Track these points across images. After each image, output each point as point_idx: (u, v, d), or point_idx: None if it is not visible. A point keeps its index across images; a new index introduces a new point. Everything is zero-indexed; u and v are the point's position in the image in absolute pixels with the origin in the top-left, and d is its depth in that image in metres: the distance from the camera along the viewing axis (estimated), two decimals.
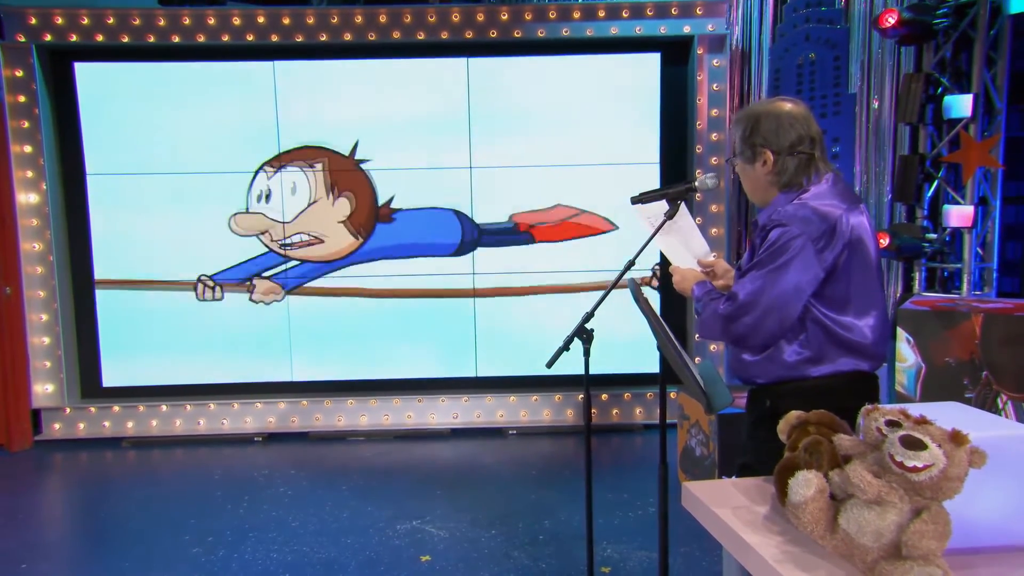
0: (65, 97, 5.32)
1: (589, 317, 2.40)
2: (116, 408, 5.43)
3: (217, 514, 4.04)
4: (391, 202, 5.44)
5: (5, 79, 5.13)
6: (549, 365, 2.42)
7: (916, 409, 1.35)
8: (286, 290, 5.50)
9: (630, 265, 2.29)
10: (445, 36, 5.25)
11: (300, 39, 5.24)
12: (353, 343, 5.55)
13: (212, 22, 5.19)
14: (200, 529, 3.84)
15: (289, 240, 5.45)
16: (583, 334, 2.42)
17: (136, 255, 5.44)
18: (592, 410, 5.37)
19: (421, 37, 5.24)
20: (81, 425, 5.41)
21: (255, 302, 5.51)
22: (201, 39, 5.20)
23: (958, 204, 4.50)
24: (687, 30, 5.28)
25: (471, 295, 5.53)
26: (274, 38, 5.23)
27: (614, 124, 5.41)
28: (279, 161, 5.39)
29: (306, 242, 5.44)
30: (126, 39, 5.17)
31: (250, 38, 5.22)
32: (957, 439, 1.24)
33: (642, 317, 1.97)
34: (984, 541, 1.34)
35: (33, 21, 5.13)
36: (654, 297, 5.56)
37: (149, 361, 5.52)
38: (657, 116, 5.43)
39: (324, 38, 5.24)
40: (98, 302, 5.48)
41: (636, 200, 2.26)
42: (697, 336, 5.30)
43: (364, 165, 5.41)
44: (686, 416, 4.29)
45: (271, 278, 5.50)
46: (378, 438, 5.39)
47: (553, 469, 4.70)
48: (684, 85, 5.47)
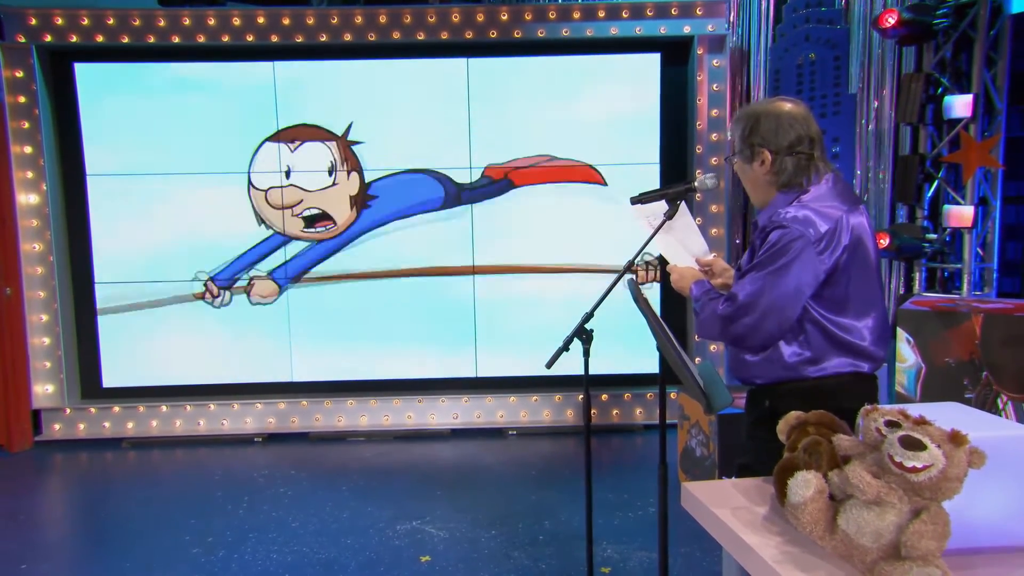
0: (65, 98, 5.32)
1: (588, 317, 2.39)
2: (116, 409, 5.43)
3: (217, 514, 4.04)
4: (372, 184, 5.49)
5: (5, 80, 5.14)
6: (549, 365, 2.40)
7: (915, 409, 1.35)
8: (290, 278, 5.50)
9: (630, 265, 2.29)
10: (445, 36, 5.26)
11: (300, 39, 5.24)
12: (353, 343, 5.55)
13: (212, 22, 5.19)
14: (200, 529, 3.84)
15: (310, 213, 5.45)
16: (583, 334, 2.41)
17: (136, 256, 5.44)
18: (592, 410, 5.37)
19: (421, 37, 5.25)
20: (81, 426, 5.41)
21: (254, 304, 5.52)
22: (201, 39, 5.20)
23: (958, 204, 4.50)
24: (687, 30, 5.28)
25: (470, 272, 5.52)
26: (274, 38, 5.23)
27: (614, 124, 5.40)
28: (291, 135, 5.40)
29: (321, 219, 5.47)
30: (126, 40, 5.18)
31: (250, 38, 5.22)
32: (956, 439, 1.24)
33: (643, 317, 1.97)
34: (983, 541, 1.34)
35: (33, 22, 5.13)
36: (654, 298, 5.57)
37: (149, 361, 5.53)
38: (657, 116, 5.43)
39: (324, 38, 5.24)
40: (98, 302, 5.48)
41: (636, 200, 2.26)
42: (697, 336, 5.30)
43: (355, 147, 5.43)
44: (686, 416, 4.29)
45: (270, 274, 5.49)
46: (378, 438, 5.39)
47: (553, 469, 4.70)
48: (684, 85, 5.47)
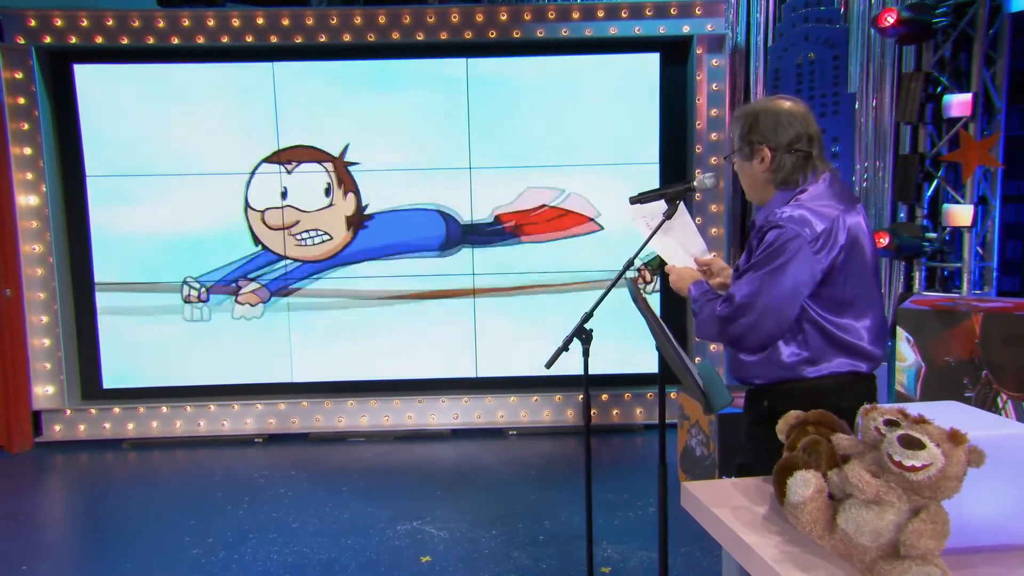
0: (65, 99, 5.32)
1: (588, 317, 2.39)
2: (116, 410, 5.43)
3: (217, 515, 4.04)
4: (368, 206, 5.46)
5: (5, 81, 5.14)
6: (548, 365, 2.40)
7: (915, 408, 1.35)
8: (272, 292, 5.49)
9: (629, 265, 2.28)
10: (444, 36, 5.25)
11: (299, 40, 5.24)
12: (353, 344, 5.55)
13: (211, 23, 5.19)
14: (200, 530, 3.84)
15: (307, 234, 5.45)
16: (582, 334, 2.41)
17: (135, 256, 5.44)
18: (592, 410, 5.37)
19: (420, 38, 5.24)
20: (81, 427, 5.41)
21: (237, 318, 5.52)
22: (200, 40, 5.19)
23: (958, 203, 4.50)
24: (686, 30, 5.28)
25: (471, 294, 5.53)
26: (273, 39, 5.22)
27: (614, 124, 5.40)
28: (285, 157, 5.39)
29: (320, 239, 5.47)
30: (125, 41, 5.17)
31: (249, 39, 5.22)
32: (955, 438, 1.23)
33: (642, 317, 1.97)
34: (983, 540, 1.34)
35: (32, 23, 5.12)
36: (653, 297, 5.57)
37: (149, 362, 5.53)
38: (657, 116, 5.43)
39: (323, 39, 5.24)
40: (98, 303, 5.48)
41: (635, 200, 2.25)
42: (696, 336, 5.29)
43: (352, 168, 5.41)
44: (686, 416, 4.29)
45: (258, 278, 5.48)
46: (378, 439, 5.39)
47: (553, 469, 4.70)
48: (683, 85, 5.47)
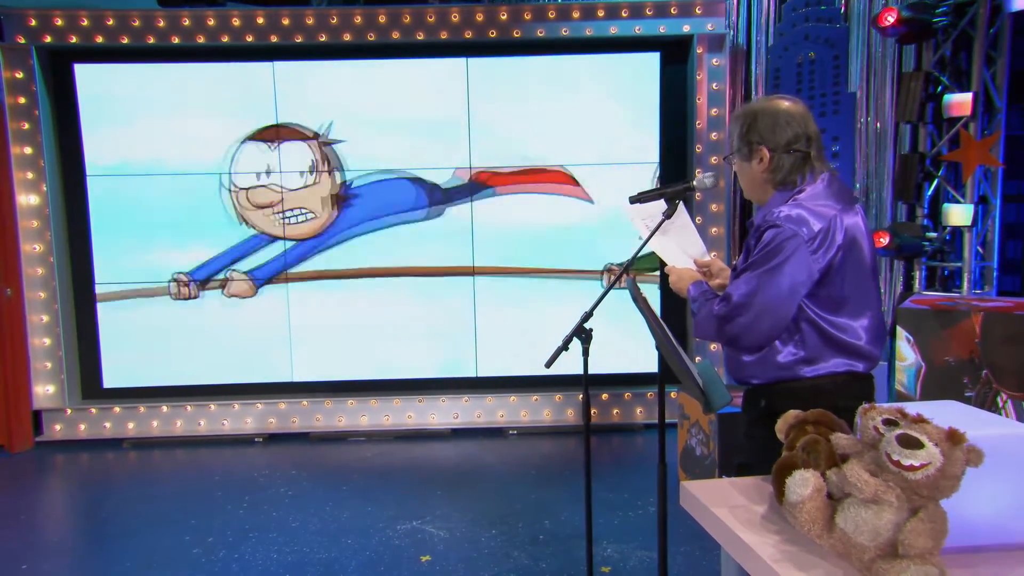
0: (65, 98, 5.33)
1: (588, 317, 2.38)
2: (117, 409, 5.43)
3: (218, 514, 4.05)
4: (352, 182, 5.48)
5: (5, 81, 5.14)
6: (548, 365, 2.39)
7: (914, 408, 1.35)
8: (259, 283, 5.50)
9: (629, 264, 2.28)
10: (444, 36, 5.25)
11: (299, 40, 5.24)
12: (353, 343, 5.55)
13: (211, 23, 5.19)
14: (201, 529, 3.84)
15: (291, 213, 5.45)
16: (582, 334, 2.40)
17: (135, 256, 5.44)
18: (592, 410, 5.37)
19: (420, 37, 5.24)
20: (82, 426, 5.41)
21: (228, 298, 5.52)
22: (201, 40, 5.20)
23: (958, 203, 4.50)
24: (686, 29, 5.28)
25: (470, 273, 5.53)
26: (273, 39, 5.23)
27: (614, 124, 5.40)
28: (272, 134, 5.38)
29: (304, 219, 5.46)
30: (126, 40, 5.18)
31: (249, 39, 5.22)
32: (954, 438, 1.23)
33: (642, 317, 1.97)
34: (981, 540, 1.34)
35: (33, 23, 5.13)
36: (654, 299, 5.57)
37: (149, 362, 5.53)
38: (657, 116, 5.43)
39: (323, 39, 5.24)
40: (98, 303, 5.49)
41: (635, 200, 2.25)
42: (695, 336, 5.30)
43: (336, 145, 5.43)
44: (686, 416, 4.29)
45: (248, 272, 5.49)
46: (379, 438, 5.39)
47: (553, 469, 4.70)
48: (684, 84, 5.47)
